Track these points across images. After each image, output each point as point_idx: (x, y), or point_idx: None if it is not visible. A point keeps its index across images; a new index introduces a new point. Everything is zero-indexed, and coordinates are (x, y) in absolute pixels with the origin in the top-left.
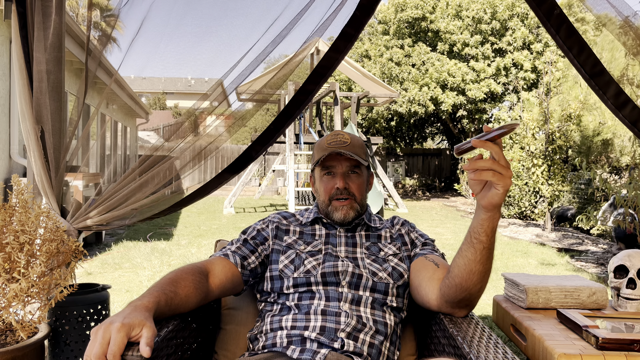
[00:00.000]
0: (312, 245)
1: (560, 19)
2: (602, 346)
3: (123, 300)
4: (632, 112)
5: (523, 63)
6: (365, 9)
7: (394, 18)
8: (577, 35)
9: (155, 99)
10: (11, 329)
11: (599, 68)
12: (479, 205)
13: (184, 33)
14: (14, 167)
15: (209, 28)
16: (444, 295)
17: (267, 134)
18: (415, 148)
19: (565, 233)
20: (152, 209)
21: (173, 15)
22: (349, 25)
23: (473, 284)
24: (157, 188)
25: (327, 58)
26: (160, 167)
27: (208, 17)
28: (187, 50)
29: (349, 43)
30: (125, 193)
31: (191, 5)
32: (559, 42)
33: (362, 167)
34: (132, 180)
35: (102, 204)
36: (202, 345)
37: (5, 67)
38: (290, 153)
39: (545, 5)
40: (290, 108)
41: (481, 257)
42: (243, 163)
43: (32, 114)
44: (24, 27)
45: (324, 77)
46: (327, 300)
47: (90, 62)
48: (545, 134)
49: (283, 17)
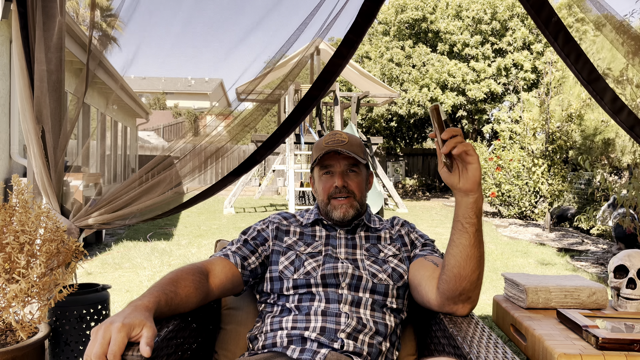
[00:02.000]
0: (312, 246)
1: (558, 27)
2: (602, 346)
3: (123, 300)
4: (628, 117)
5: (523, 63)
6: (366, 16)
7: (395, 19)
8: (574, 42)
9: (155, 99)
10: (11, 329)
11: (595, 75)
12: (461, 192)
13: (189, 35)
14: (14, 167)
15: (212, 32)
16: (443, 292)
17: (273, 138)
18: (415, 148)
19: (565, 233)
20: (156, 210)
21: (177, 18)
22: (352, 32)
23: (471, 269)
24: (162, 192)
25: (332, 64)
26: (167, 174)
27: (212, 22)
28: (192, 53)
29: (351, 49)
30: (130, 196)
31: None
32: (557, 49)
33: (361, 166)
34: (139, 184)
35: (106, 205)
36: (202, 345)
37: (6, 67)
38: (290, 153)
39: (544, 13)
40: (295, 114)
41: (475, 240)
42: (247, 166)
43: (33, 114)
44: (24, 27)
45: (328, 83)
46: (327, 302)
47: (91, 63)
48: (546, 134)
49: (290, 23)
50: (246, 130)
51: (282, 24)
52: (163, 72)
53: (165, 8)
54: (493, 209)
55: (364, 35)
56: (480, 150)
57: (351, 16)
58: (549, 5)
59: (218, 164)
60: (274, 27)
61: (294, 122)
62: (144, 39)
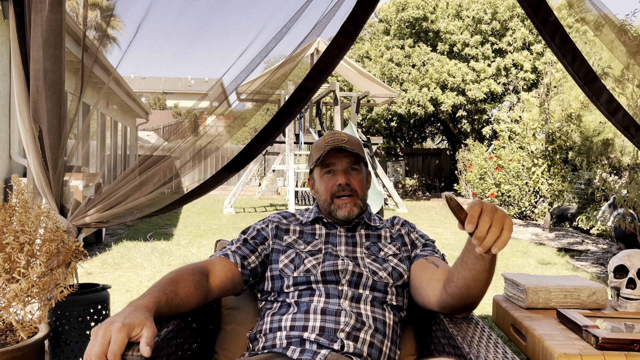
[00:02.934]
0: (312, 244)
1: (555, 27)
2: (602, 346)
3: (123, 300)
4: (624, 118)
5: (523, 63)
6: (365, 6)
7: (395, 17)
8: (571, 43)
9: (155, 99)
10: (11, 329)
11: (592, 75)
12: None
13: (182, 30)
14: (14, 167)
15: (206, 25)
16: (445, 303)
17: (266, 131)
18: (415, 148)
19: (565, 233)
20: (151, 207)
21: (171, 12)
22: (349, 22)
23: (479, 290)
24: (156, 187)
25: (327, 54)
26: (160, 166)
27: (206, 14)
28: (185, 48)
29: (349, 40)
30: (124, 191)
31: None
32: (554, 49)
33: (362, 164)
34: (132, 179)
35: (101, 202)
36: (202, 345)
37: (5, 67)
38: (290, 153)
39: (541, 13)
40: (289, 106)
41: (490, 265)
42: (242, 161)
43: (29, 114)
44: (21, 26)
45: (324, 74)
46: (327, 297)
47: (87, 59)
48: (546, 134)
49: (283, 13)
50: (238, 124)
51: (277, 7)
52: (163, 72)
53: (162, 4)
54: None
55: (362, 27)
56: (480, 150)
57: (349, 8)
58: (547, 6)
59: (218, 163)
60: (273, 23)
61: (289, 114)
62: (142, 36)
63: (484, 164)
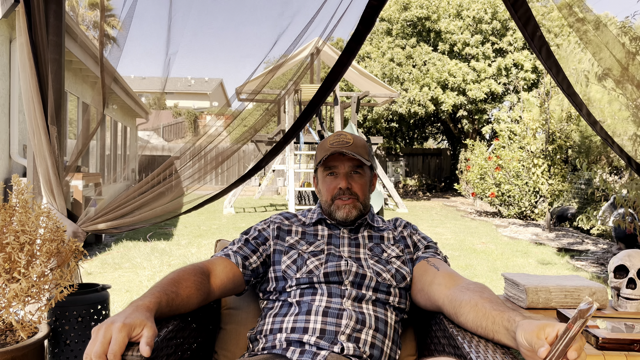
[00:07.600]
0: (315, 245)
1: (541, 41)
2: (602, 346)
3: (123, 300)
4: (601, 130)
5: (523, 63)
6: (367, 22)
7: (399, 17)
8: (554, 58)
9: (155, 99)
10: (11, 329)
11: (572, 90)
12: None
13: (187, 33)
14: (14, 167)
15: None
16: (451, 317)
17: (278, 146)
18: (415, 148)
19: (565, 233)
20: (163, 216)
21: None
22: (353, 40)
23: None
24: (169, 201)
25: (334, 72)
26: (174, 182)
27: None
28: (189, 51)
29: (351, 56)
30: (137, 203)
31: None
32: (541, 61)
33: (365, 167)
34: (146, 191)
35: (113, 211)
36: (202, 345)
37: (5, 67)
38: (290, 153)
39: (530, 28)
40: (299, 121)
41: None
42: (252, 173)
43: (43, 115)
44: (31, 27)
45: (329, 89)
46: (329, 296)
47: (107, 78)
48: (546, 134)
49: (292, 28)
50: (250, 132)
51: (282, 27)
52: (163, 72)
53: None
54: (493, 208)
55: (363, 42)
56: (480, 150)
57: (350, 20)
58: (534, 21)
59: (220, 166)
60: (276, 31)
61: (297, 128)
62: (144, 38)
63: (484, 163)
